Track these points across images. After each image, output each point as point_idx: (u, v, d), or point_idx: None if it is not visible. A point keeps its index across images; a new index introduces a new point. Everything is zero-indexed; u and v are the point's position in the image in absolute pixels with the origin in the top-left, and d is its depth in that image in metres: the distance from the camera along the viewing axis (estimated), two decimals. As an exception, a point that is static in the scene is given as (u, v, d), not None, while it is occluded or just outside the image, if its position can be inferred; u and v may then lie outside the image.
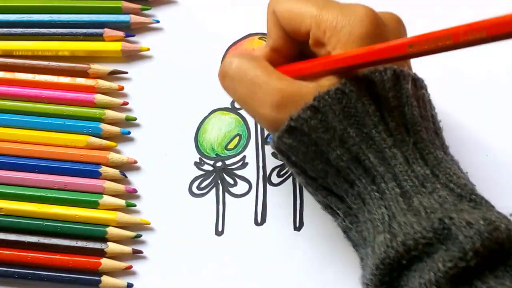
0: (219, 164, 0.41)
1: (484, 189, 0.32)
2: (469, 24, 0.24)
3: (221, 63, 0.34)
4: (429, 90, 0.33)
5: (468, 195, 0.29)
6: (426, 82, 0.33)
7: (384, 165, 0.29)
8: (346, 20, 0.30)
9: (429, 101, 0.33)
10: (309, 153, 0.31)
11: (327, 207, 0.33)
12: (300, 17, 0.32)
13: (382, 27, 0.31)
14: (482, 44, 0.24)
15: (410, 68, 0.33)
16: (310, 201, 0.39)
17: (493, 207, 0.29)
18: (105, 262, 0.39)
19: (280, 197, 0.40)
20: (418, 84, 0.32)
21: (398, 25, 0.33)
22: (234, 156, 0.41)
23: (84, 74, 0.43)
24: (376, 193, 0.29)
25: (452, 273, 0.25)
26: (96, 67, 0.43)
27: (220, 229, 0.40)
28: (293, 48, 0.34)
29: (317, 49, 0.32)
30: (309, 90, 0.30)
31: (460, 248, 0.25)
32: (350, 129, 0.30)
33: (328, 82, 0.30)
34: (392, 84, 0.30)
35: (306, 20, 0.31)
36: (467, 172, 0.32)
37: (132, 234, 0.40)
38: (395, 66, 0.30)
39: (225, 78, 0.34)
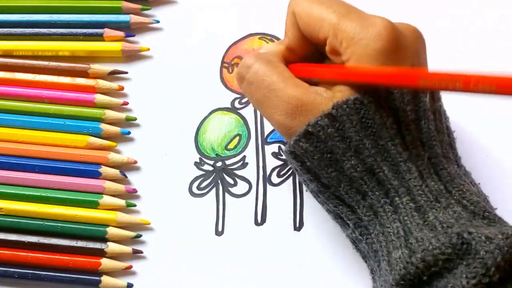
0: (219, 164, 0.41)
1: (484, 189, 0.32)
2: (481, 76, 0.24)
3: (239, 65, 0.34)
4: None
5: (481, 213, 0.29)
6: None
7: (399, 179, 0.29)
8: (364, 32, 0.30)
9: (444, 112, 0.33)
10: (324, 159, 0.30)
11: (338, 217, 0.33)
12: (319, 23, 0.31)
13: (400, 41, 0.30)
14: (489, 95, 0.24)
15: None
16: (310, 201, 0.39)
17: (506, 223, 0.29)
18: (105, 262, 0.39)
19: (280, 197, 0.40)
20: (435, 96, 0.32)
21: (417, 40, 0.32)
22: (234, 156, 0.41)
23: (84, 74, 0.43)
24: (390, 207, 0.29)
25: None
26: (96, 67, 0.43)
27: (220, 229, 0.40)
28: (309, 49, 0.34)
29: (333, 57, 0.32)
30: (323, 100, 0.30)
31: (482, 264, 0.25)
32: (366, 140, 0.29)
33: (341, 94, 0.30)
34: (411, 97, 0.30)
35: (325, 27, 0.31)
36: (479, 183, 0.32)
37: (132, 234, 0.40)
38: None
39: (242, 82, 0.34)
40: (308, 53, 0.34)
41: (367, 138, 0.29)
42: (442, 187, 0.29)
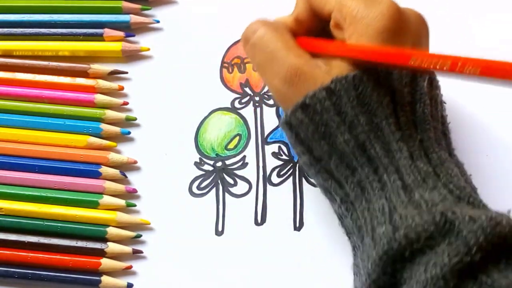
0: (219, 164, 0.41)
1: (484, 189, 0.32)
2: (468, 59, 0.26)
3: (245, 28, 0.35)
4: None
5: (466, 198, 0.29)
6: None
7: (389, 157, 0.30)
8: (367, 11, 0.30)
9: (441, 102, 0.33)
10: (318, 132, 0.31)
11: (326, 192, 0.33)
12: None
13: (402, 23, 0.31)
14: (473, 80, 0.26)
15: None
16: (310, 201, 0.39)
17: (490, 209, 0.29)
18: (105, 262, 0.39)
19: (280, 197, 0.40)
20: (434, 83, 0.32)
21: (421, 24, 0.32)
22: (234, 156, 0.41)
23: (84, 74, 0.43)
24: (378, 183, 0.30)
25: (458, 267, 0.25)
26: (96, 67, 0.43)
27: (220, 229, 0.40)
28: (316, 23, 0.34)
29: (336, 32, 0.32)
30: (321, 73, 0.31)
31: (464, 243, 0.26)
32: (361, 117, 0.30)
33: (337, 70, 0.31)
34: (410, 79, 0.31)
35: (331, 1, 0.32)
36: (470, 175, 0.32)
37: (132, 234, 0.40)
38: None
39: (246, 44, 0.34)
40: (315, 27, 0.35)
41: (362, 114, 0.30)
42: (430, 170, 0.30)
